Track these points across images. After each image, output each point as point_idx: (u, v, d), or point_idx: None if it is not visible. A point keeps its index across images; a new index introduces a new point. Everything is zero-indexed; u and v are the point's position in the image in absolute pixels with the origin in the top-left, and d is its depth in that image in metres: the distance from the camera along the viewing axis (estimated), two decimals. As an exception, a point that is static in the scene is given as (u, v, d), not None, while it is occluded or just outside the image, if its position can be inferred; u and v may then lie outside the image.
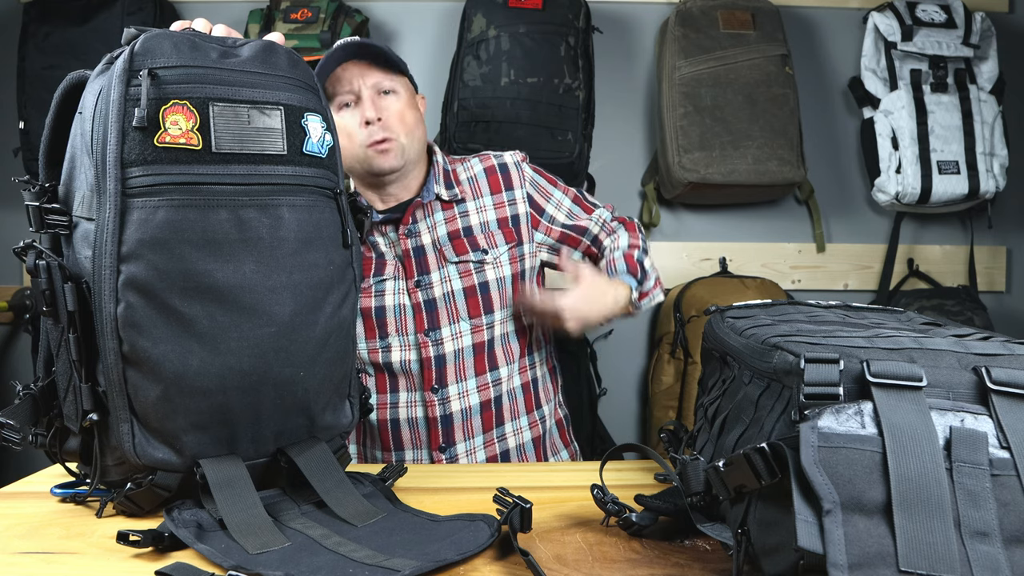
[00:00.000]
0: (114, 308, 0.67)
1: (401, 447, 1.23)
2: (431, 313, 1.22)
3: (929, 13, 2.08)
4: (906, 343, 0.55)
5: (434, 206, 1.28)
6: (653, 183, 2.21)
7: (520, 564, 0.64)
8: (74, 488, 0.79)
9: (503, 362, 1.26)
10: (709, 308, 0.88)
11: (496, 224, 1.29)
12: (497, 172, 1.32)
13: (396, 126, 1.22)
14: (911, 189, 2.04)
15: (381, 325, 1.23)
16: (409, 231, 1.25)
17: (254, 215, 0.71)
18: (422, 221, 1.26)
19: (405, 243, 1.25)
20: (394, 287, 1.24)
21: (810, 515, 0.47)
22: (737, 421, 0.67)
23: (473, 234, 1.27)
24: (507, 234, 1.29)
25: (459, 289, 1.24)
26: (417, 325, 1.22)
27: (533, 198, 1.33)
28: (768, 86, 1.99)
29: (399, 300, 1.23)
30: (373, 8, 2.19)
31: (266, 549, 0.65)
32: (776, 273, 2.26)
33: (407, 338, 1.22)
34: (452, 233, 1.26)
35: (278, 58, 0.75)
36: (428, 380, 1.22)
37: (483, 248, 1.26)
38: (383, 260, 1.25)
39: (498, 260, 1.26)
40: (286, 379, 0.75)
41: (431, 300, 1.23)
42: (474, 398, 1.24)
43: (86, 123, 0.69)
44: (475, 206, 1.29)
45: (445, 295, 1.23)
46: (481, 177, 1.32)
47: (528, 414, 1.29)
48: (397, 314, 1.23)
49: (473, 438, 1.24)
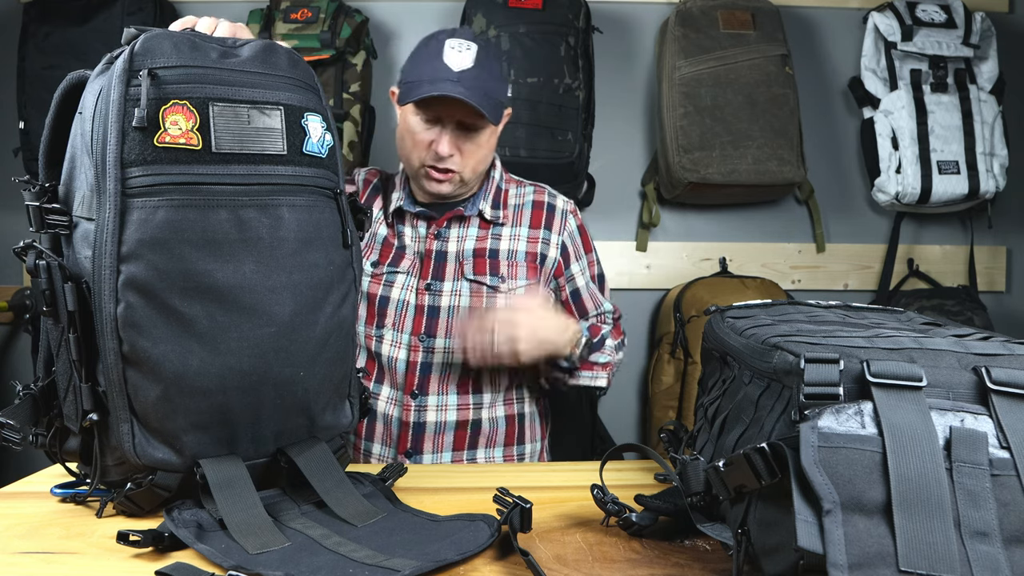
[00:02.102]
0: (114, 308, 0.67)
1: (372, 438, 1.23)
2: (431, 320, 1.21)
3: (929, 13, 2.08)
4: (906, 343, 0.55)
5: (473, 221, 1.26)
6: (653, 183, 2.21)
7: (520, 564, 0.64)
8: (74, 488, 0.79)
9: (487, 388, 1.24)
10: (709, 308, 0.88)
11: (524, 256, 1.26)
12: (544, 209, 1.30)
13: (464, 165, 1.20)
14: (911, 189, 2.04)
15: (381, 314, 1.22)
16: (439, 234, 1.24)
17: (254, 215, 0.71)
18: (455, 230, 1.25)
19: (431, 244, 1.24)
20: (404, 282, 1.23)
21: (810, 515, 0.47)
22: (737, 421, 0.67)
23: (498, 258, 1.25)
24: (531, 269, 1.26)
25: (466, 307, 1.22)
26: (415, 327, 1.21)
27: (567, 249, 1.30)
28: (768, 86, 1.99)
29: (405, 296, 1.22)
30: (373, 8, 2.19)
31: (266, 549, 0.65)
32: (776, 273, 2.26)
33: (401, 335, 1.21)
34: (478, 251, 1.25)
35: (278, 58, 0.75)
36: (410, 384, 1.21)
37: (502, 275, 1.24)
38: (403, 252, 1.24)
39: (512, 292, 1.23)
40: (286, 379, 0.75)
41: (436, 308, 1.21)
42: (451, 414, 1.21)
43: (86, 123, 0.69)
44: (510, 232, 1.27)
45: (451, 308, 1.21)
46: (527, 208, 1.30)
47: (506, 447, 1.26)
48: (399, 309, 1.22)
49: (441, 453, 1.21)
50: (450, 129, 1.18)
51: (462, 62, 1.15)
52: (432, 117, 1.17)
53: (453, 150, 1.18)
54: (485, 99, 1.15)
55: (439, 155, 1.17)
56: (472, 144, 1.20)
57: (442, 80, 1.14)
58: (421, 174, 1.21)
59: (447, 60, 1.15)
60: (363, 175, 1.35)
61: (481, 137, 1.20)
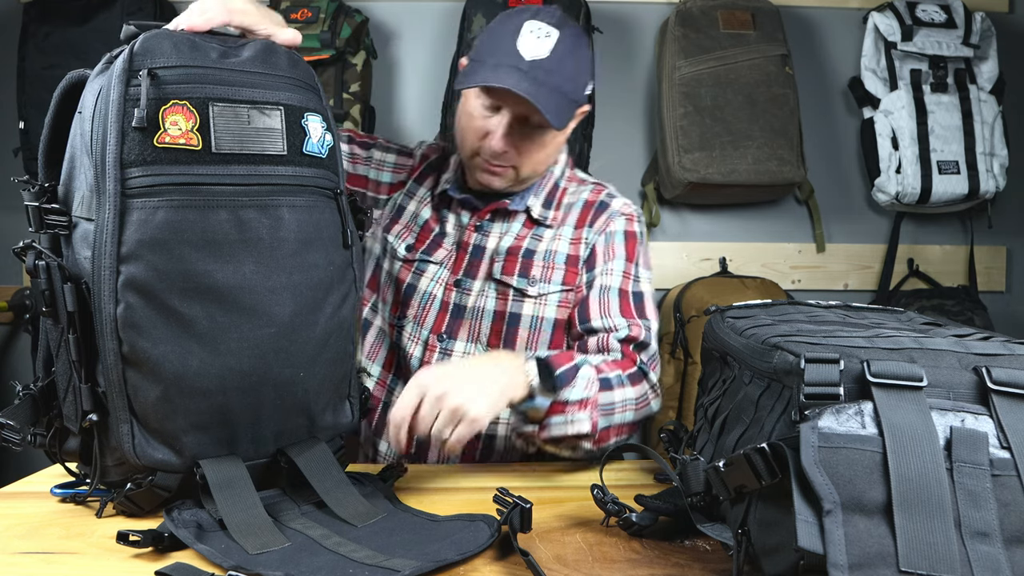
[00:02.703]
0: (114, 308, 0.67)
1: (380, 434, 1.16)
2: (454, 320, 1.11)
3: (929, 13, 2.08)
4: (906, 343, 0.55)
5: (518, 217, 1.14)
6: (653, 183, 2.21)
7: (520, 564, 0.64)
8: (74, 488, 0.79)
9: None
10: (709, 308, 0.88)
11: (564, 259, 1.12)
12: (593, 208, 1.15)
13: (523, 160, 1.07)
14: (911, 189, 2.04)
15: (405, 303, 1.13)
16: (480, 226, 1.13)
17: (254, 215, 0.71)
18: (497, 224, 1.14)
19: (470, 235, 1.13)
20: (436, 273, 1.13)
21: (810, 515, 0.47)
22: (737, 421, 0.67)
23: (532, 258, 1.11)
24: (569, 274, 1.11)
25: (490, 310, 1.10)
26: (436, 324, 1.11)
27: (595, 248, 1.13)
28: (768, 86, 1.99)
29: (432, 288, 1.12)
30: (373, 8, 2.19)
31: (266, 549, 0.65)
32: (776, 273, 2.26)
33: (420, 330, 1.12)
34: (512, 249, 1.11)
35: (278, 58, 0.75)
36: None
37: (533, 277, 1.10)
38: (441, 240, 1.14)
39: (543, 298, 1.10)
40: (286, 379, 0.75)
41: (461, 307, 1.11)
42: None
43: (86, 123, 0.69)
44: (553, 233, 1.13)
45: (475, 309, 1.11)
46: (577, 207, 1.16)
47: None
48: (424, 301, 1.12)
49: (447, 462, 1.11)
50: (508, 123, 1.03)
51: (537, 50, 1.00)
52: (492, 105, 1.04)
53: (508, 147, 1.05)
54: (553, 96, 1.00)
55: (493, 150, 1.05)
56: (531, 143, 1.06)
57: (508, 67, 0.99)
58: (475, 163, 1.09)
59: (520, 45, 1.01)
60: (423, 149, 1.24)
61: (544, 136, 1.06)
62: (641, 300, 1.11)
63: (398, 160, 1.22)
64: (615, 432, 0.98)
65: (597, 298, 1.09)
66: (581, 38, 1.05)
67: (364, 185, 1.22)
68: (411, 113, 2.24)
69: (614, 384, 0.98)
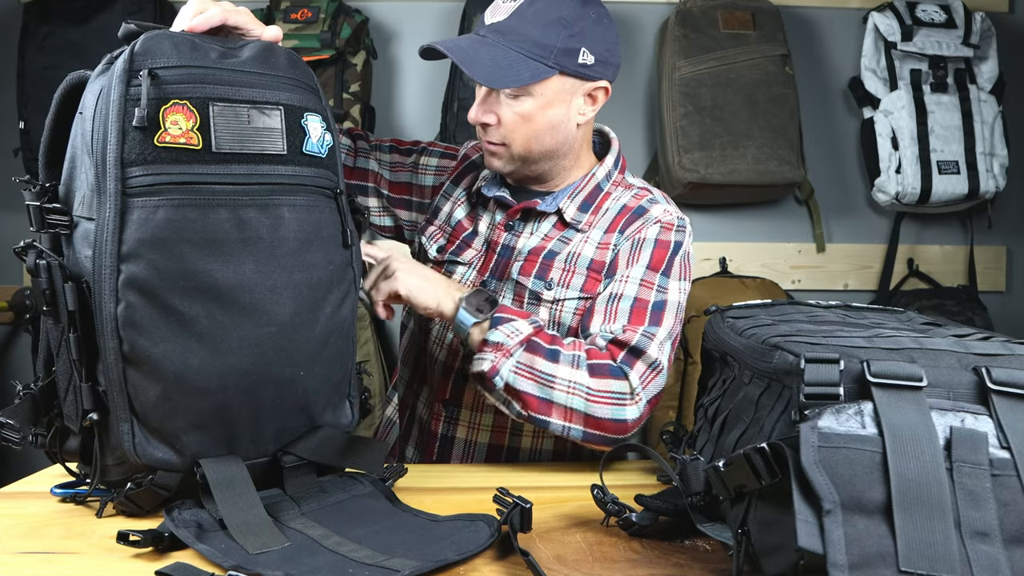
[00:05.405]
0: (114, 308, 0.67)
1: (408, 440, 1.15)
2: None
3: (929, 13, 2.08)
4: (906, 343, 0.55)
5: (549, 218, 1.07)
6: (653, 183, 2.21)
7: (520, 564, 0.64)
8: (74, 488, 0.79)
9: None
10: (709, 308, 0.88)
11: (587, 263, 1.03)
12: (629, 213, 1.06)
13: (509, 134, 1.01)
14: (911, 189, 2.04)
15: None
16: (510, 226, 1.08)
17: (254, 215, 0.71)
18: (528, 224, 1.08)
19: (499, 235, 1.08)
20: (463, 275, 1.09)
21: (810, 515, 0.47)
22: (737, 421, 0.67)
23: (552, 260, 1.04)
24: (591, 281, 1.03)
25: None
26: None
27: (619, 252, 1.04)
28: (768, 86, 2.00)
29: None
30: (373, 8, 2.19)
31: (266, 549, 0.65)
32: (776, 273, 2.26)
33: (445, 333, 1.08)
34: (534, 250, 1.05)
35: (278, 58, 0.75)
36: (443, 390, 1.08)
37: (549, 281, 1.03)
38: (471, 240, 1.10)
39: (560, 304, 1.03)
40: (286, 379, 0.75)
41: None
42: (483, 435, 1.07)
43: (86, 123, 0.69)
44: (582, 237, 1.06)
45: None
46: (614, 211, 1.07)
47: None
48: None
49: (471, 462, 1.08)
50: (481, 96, 1.02)
51: (498, 15, 0.98)
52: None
53: (482, 115, 1.01)
54: (499, 55, 0.95)
55: (472, 121, 1.02)
56: (512, 114, 1.00)
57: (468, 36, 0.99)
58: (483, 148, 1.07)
59: (487, 12, 1.00)
60: (465, 149, 1.20)
61: (523, 107, 0.99)
62: (660, 310, 0.99)
63: (440, 163, 1.20)
64: (558, 413, 0.91)
65: (604, 306, 1.00)
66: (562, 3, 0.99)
67: (408, 192, 1.19)
68: (411, 113, 2.24)
69: (561, 360, 0.92)
